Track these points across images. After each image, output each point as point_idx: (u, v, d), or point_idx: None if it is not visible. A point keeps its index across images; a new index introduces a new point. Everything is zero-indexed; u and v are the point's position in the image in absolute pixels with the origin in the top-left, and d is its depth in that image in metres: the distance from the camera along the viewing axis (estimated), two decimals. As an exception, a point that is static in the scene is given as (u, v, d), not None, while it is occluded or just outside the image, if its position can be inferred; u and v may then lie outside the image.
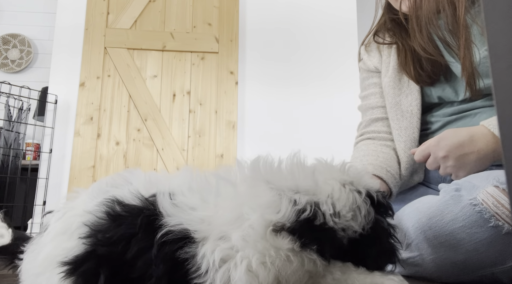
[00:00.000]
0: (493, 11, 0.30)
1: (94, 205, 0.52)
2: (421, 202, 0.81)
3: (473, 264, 0.69)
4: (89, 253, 0.49)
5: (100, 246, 0.48)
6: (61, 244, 0.52)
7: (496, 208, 0.66)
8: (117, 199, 0.52)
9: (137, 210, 0.50)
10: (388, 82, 1.02)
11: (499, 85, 0.30)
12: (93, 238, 0.49)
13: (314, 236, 0.47)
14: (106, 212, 0.50)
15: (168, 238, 0.46)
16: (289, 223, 0.46)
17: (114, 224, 0.49)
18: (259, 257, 0.46)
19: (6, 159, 2.45)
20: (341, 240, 0.49)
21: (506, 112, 0.29)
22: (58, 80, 2.57)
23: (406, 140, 0.98)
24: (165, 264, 0.46)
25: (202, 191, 0.51)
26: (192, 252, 0.46)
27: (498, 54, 0.30)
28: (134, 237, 0.48)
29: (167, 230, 0.46)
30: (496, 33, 0.30)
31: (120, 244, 0.48)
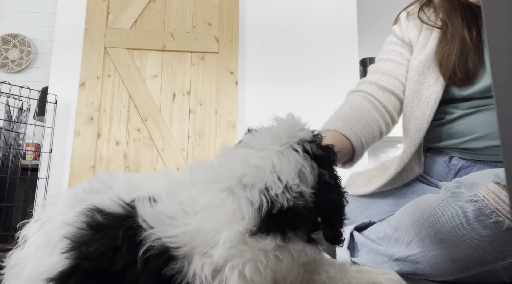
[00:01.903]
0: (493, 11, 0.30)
1: (73, 215, 0.50)
2: (421, 200, 0.81)
3: (474, 261, 0.69)
4: (74, 267, 0.47)
5: (85, 260, 0.47)
6: (44, 259, 0.49)
7: (497, 204, 0.67)
8: (97, 207, 0.49)
9: (119, 219, 0.48)
10: (417, 67, 0.98)
11: (499, 85, 0.30)
12: (76, 251, 0.47)
13: (283, 223, 0.47)
14: (86, 222, 0.48)
15: (151, 254, 0.45)
16: (256, 225, 0.46)
17: (97, 235, 0.47)
18: (252, 265, 0.45)
19: (6, 159, 2.45)
20: (304, 209, 0.48)
21: (506, 112, 0.30)
22: (58, 80, 2.57)
23: (412, 129, 0.97)
24: (152, 278, 0.45)
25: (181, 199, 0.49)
26: (178, 267, 0.45)
27: (498, 54, 0.30)
28: (118, 251, 0.46)
29: (149, 245, 0.45)
30: (496, 33, 0.30)
31: (106, 257, 0.46)
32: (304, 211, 0.48)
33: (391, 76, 1.03)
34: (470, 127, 0.91)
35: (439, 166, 0.99)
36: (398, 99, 1.03)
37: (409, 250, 0.76)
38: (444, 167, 0.98)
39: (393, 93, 1.02)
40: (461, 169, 0.93)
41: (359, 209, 1.05)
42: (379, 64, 1.07)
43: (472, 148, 0.91)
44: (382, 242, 0.85)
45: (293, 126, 0.54)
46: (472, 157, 0.92)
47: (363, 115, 0.96)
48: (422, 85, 0.97)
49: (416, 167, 1.00)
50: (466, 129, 0.92)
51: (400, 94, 1.02)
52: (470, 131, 0.91)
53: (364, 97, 1.01)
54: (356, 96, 1.02)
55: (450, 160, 0.97)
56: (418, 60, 0.98)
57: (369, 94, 1.01)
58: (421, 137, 0.96)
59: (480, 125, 0.89)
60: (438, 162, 0.99)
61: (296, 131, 0.54)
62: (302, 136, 0.53)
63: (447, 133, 0.96)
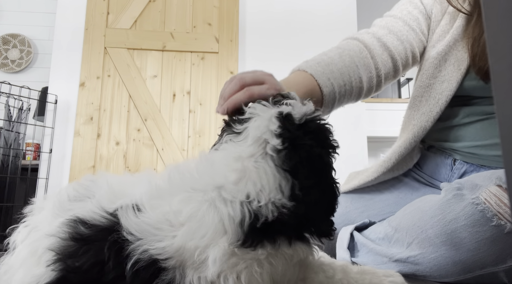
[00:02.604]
0: (493, 11, 0.30)
1: (57, 226, 0.48)
2: (422, 201, 0.81)
3: (475, 263, 0.69)
4: (60, 279, 0.46)
5: (73, 273, 0.45)
6: (30, 270, 0.48)
7: (499, 207, 0.66)
8: (80, 219, 0.48)
9: (104, 231, 0.46)
10: (433, 58, 0.91)
11: (499, 85, 0.30)
12: (62, 264, 0.46)
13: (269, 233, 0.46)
14: (70, 235, 0.47)
15: (139, 266, 0.44)
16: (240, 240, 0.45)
17: (82, 249, 0.46)
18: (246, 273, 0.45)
19: (6, 159, 2.45)
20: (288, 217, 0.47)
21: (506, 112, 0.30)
22: (58, 80, 2.57)
23: (416, 124, 0.93)
24: None
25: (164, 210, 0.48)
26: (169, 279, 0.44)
27: (498, 54, 0.30)
28: (106, 265, 0.45)
29: (137, 258, 0.44)
30: (496, 33, 0.30)
31: (94, 271, 0.45)
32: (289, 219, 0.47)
33: (398, 38, 0.93)
34: (480, 133, 0.88)
35: (442, 168, 0.97)
36: (395, 66, 0.93)
37: (409, 251, 0.76)
38: (447, 169, 0.96)
39: (392, 57, 0.92)
40: (465, 173, 0.91)
41: (359, 209, 1.05)
42: (389, 20, 0.96)
43: (480, 154, 0.89)
44: (382, 243, 0.84)
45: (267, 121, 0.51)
46: (477, 162, 0.90)
47: (349, 69, 0.86)
48: (436, 79, 0.91)
49: (414, 158, 0.99)
50: (477, 134, 0.89)
51: (399, 62, 0.93)
52: (481, 137, 0.88)
53: (360, 49, 0.90)
54: (351, 45, 0.92)
55: (453, 163, 0.95)
56: (436, 51, 0.90)
57: (367, 48, 0.91)
58: (423, 135, 0.94)
59: (492, 133, 0.86)
60: (441, 164, 0.98)
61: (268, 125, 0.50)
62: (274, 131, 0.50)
63: (455, 135, 0.93)
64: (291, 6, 2.82)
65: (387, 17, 0.97)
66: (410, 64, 0.96)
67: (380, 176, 1.00)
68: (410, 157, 0.99)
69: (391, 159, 0.98)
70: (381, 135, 3.00)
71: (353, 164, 2.52)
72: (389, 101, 3.16)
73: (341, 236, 0.93)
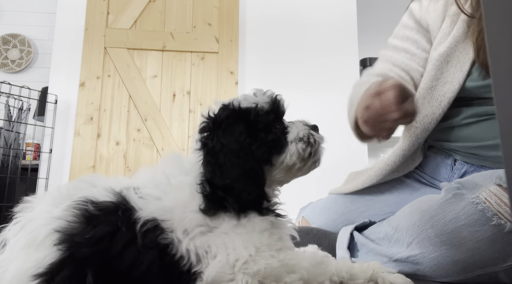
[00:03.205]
0: (493, 11, 0.30)
1: (62, 210, 0.52)
2: (422, 201, 0.80)
3: (475, 263, 0.69)
4: (66, 258, 0.49)
5: (82, 248, 0.49)
6: (29, 256, 0.50)
7: (499, 207, 0.66)
8: (89, 199, 0.53)
9: (112, 206, 0.53)
10: (435, 60, 0.91)
11: (499, 85, 0.30)
12: (69, 243, 0.49)
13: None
14: (79, 214, 0.51)
15: (147, 227, 0.51)
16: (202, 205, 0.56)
17: (91, 224, 0.50)
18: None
19: (6, 159, 2.45)
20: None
21: (506, 112, 0.30)
22: (58, 80, 2.57)
23: (419, 127, 0.93)
24: (152, 249, 0.50)
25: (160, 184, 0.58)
26: (169, 238, 0.52)
27: (498, 54, 0.30)
28: (117, 233, 0.50)
29: (144, 220, 0.51)
30: (496, 33, 0.30)
31: (105, 241, 0.50)
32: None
33: (402, 69, 0.97)
34: (481, 133, 0.88)
35: (442, 168, 0.97)
36: None
37: (409, 251, 0.76)
38: (448, 169, 0.96)
39: None
40: (465, 173, 0.91)
41: (359, 209, 1.05)
42: (392, 53, 1.00)
43: (480, 154, 0.88)
44: (382, 242, 0.84)
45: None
46: (478, 162, 0.90)
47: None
48: (438, 81, 0.91)
49: (417, 160, 0.99)
50: (478, 135, 0.89)
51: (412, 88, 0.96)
52: (482, 137, 0.88)
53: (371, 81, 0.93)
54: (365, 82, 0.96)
55: (454, 163, 0.95)
56: (438, 53, 0.91)
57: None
58: (426, 136, 0.94)
59: (493, 134, 0.86)
60: (441, 164, 0.97)
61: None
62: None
63: (456, 136, 0.93)
64: (291, 6, 2.82)
65: (390, 50, 1.02)
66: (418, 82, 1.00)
67: (383, 178, 1.00)
68: (413, 159, 0.99)
69: (395, 161, 0.98)
70: (381, 135, 2.99)
71: (353, 164, 2.52)
72: (389, 101, 3.15)
73: (341, 236, 0.93)
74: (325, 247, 0.96)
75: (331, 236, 0.97)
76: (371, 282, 0.59)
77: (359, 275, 0.59)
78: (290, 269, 0.54)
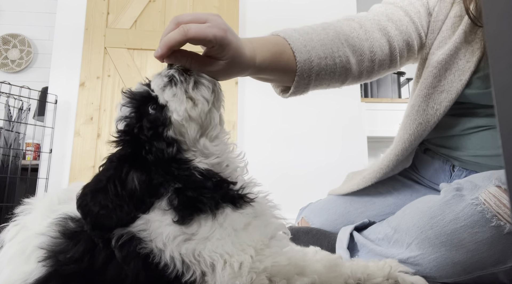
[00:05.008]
0: (493, 11, 0.30)
1: (46, 226, 0.52)
2: (421, 202, 0.80)
3: (474, 264, 0.69)
4: (52, 274, 0.49)
5: (65, 266, 0.49)
6: (18, 267, 0.51)
7: (498, 208, 0.66)
8: (69, 215, 0.52)
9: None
10: (433, 67, 0.86)
11: (499, 85, 0.30)
12: (53, 260, 0.49)
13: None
14: (60, 231, 0.51)
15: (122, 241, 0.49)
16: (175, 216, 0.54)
17: (72, 242, 0.50)
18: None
19: (6, 159, 2.45)
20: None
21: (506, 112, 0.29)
22: (58, 80, 2.57)
23: (413, 134, 0.92)
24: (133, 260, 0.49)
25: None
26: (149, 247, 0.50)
27: (498, 54, 0.30)
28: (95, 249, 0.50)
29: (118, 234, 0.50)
30: (496, 33, 0.30)
31: (85, 259, 0.49)
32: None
33: (397, 28, 0.84)
34: (482, 143, 0.87)
35: (441, 173, 0.97)
36: (392, 54, 0.84)
37: (409, 252, 0.76)
38: (446, 175, 0.96)
39: (391, 44, 0.83)
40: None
41: (359, 210, 1.05)
42: (389, 7, 0.87)
43: (481, 163, 0.88)
44: (381, 243, 0.84)
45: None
46: (475, 168, 0.89)
47: (333, 43, 0.75)
48: (435, 89, 0.88)
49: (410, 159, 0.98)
50: (478, 144, 0.88)
51: (397, 51, 0.84)
52: (482, 147, 0.87)
53: (351, 29, 0.79)
54: (342, 23, 0.81)
55: (452, 169, 0.95)
56: (436, 60, 0.86)
57: (363, 29, 0.80)
58: (418, 143, 0.94)
59: (494, 143, 0.85)
60: (439, 170, 0.97)
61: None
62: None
63: (456, 144, 0.92)
64: (291, 7, 2.82)
65: (387, 4, 0.89)
66: (405, 57, 0.89)
67: (377, 180, 1.00)
68: (407, 159, 0.99)
69: (388, 166, 0.98)
70: (381, 135, 3.00)
71: (353, 164, 2.52)
72: (389, 101, 3.16)
73: (341, 236, 0.93)
74: (325, 247, 0.96)
75: (330, 236, 0.97)
76: (390, 280, 0.57)
77: (376, 273, 0.57)
78: (300, 270, 0.52)
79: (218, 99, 0.59)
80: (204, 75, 0.58)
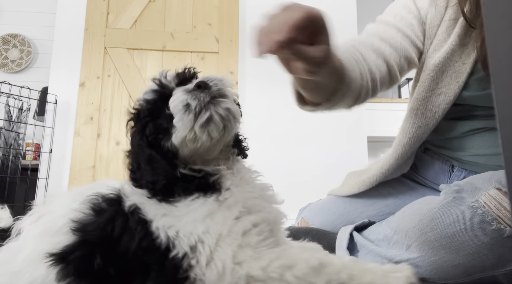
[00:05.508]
0: (493, 11, 0.30)
1: (78, 204, 0.58)
2: (421, 203, 0.80)
3: (474, 267, 0.69)
4: (79, 243, 0.54)
5: (92, 233, 0.55)
6: (44, 240, 0.55)
7: (498, 211, 0.66)
8: (100, 193, 0.59)
9: (114, 198, 0.59)
10: (430, 70, 0.87)
11: (499, 85, 0.30)
12: (83, 231, 0.55)
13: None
14: (91, 207, 0.57)
15: (132, 209, 0.56)
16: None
17: (99, 214, 0.57)
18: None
19: (6, 159, 2.45)
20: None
21: (506, 112, 0.29)
22: (58, 80, 2.57)
23: (412, 137, 0.92)
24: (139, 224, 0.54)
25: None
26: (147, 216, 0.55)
27: (498, 54, 0.30)
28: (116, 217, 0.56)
29: (129, 204, 0.57)
30: (496, 33, 0.30)
31: (108, 228, 0.55)
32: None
33: (391, 45, 0.85)
34: (481, 143, 0.88)
35: (441, 174, 0.97)
36: (390, 72, 0.85)
37: (408, 253, 0.76)
38: (445, 175, 0.96)
39: (388, 63, 0.84)
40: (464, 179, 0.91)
41: (359, 210, 1.05)
42: (381, 27, 0.88)
43: (480, 163, 0.88)
44: (381, 244, 0.84)
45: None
46: (475, 169, 0.90)
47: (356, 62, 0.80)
48: (432, 92, 0.88)
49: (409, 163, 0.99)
50: (476, 144, 0.88)
51: (395, 68, 0.85)
52: (480, 147, 0.87)
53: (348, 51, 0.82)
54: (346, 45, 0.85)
55: (451, 169, 0.95)
56: (433, 63, 0.87)
57: (358, 50, 0.83)
58: (418, 146, 0.94)
59: (493, 143, 0.85)
60: (439, 170, 0.98)
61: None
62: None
63: (456, 145, 0.93)
64: (291, 6, 2.82)
65: (379, 24, 0.91)
66: (406, 70, 0.91)
67: (377, 184, 1.01)
68: (407, 164, 1.00)
69: (388, 169, 0.98)
70: (381, 135, 3.00)
71: (353, 164, 2.52)
72: (389, 101, 3.16)
73: (341, 236, 0.93)
74: (325, 247, 0.95)
75: (330, 236, 0.97)
76: None
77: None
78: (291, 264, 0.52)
79: (228, 134, 0.63)
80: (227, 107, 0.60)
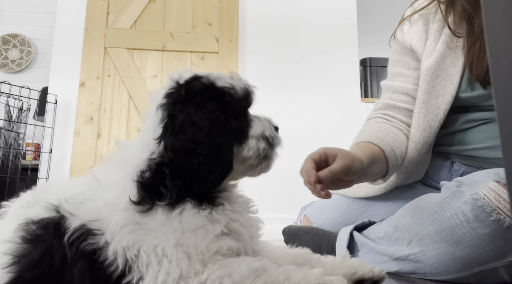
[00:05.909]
0: (493, 11, 0.30)
1: (12, 232, 0.52)
2: (422, 199, 0.81)
3: (475, 259, 0.69)
4: (15, 280, 0.49)
5: (27, 271, 0.49)
6: None
7: (498, 202, 0.67)
8: (32, 219, 0.52)
9: (47, 221, 0.51)
10: (424, 74, 0.94)
11: (499, 85, 0.30)
12: (17, 265, 0.50)
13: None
14: (23, 236, 0.51)
15: (75, 236, 0.48)
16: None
17: (33, 245, 0.50)
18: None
19: (6, 159, 2.45)
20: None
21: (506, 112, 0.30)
22: (58, 80, 2.57)
23: (419, 142, 0.95)
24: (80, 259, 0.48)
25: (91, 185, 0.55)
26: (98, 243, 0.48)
27: (498, 54, 0.30)
28: (53, 249, 0.49)
29: (72, 229, 0.49)
30: (496, 33, 0.30)
31: (44, 261, 0.49)
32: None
33: (401, 92, 1.00)
34: (479, 136, 0.90)
35: (442, 170, 0.98)
36: (406, 135, 1.00)
37: (409, 249, 0.76)
38: (446, 171, 0.98)
39: (407, 109, 1.00)
40: (463, 175, 0.92)
41: (360, 209, 1.05)
42: (390, 81, 1.05)
43: (478, 156, 0.90)
44: (382, 242, 0.85)
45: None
46: (475, 164, 0.91)
47: (385, 130, 0.95)
48: (431, 94, 0.93)
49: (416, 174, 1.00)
50: (475, 138, 0.91)
51: (408, 129, 1.00)
52: (478, 140, 0.90)
53: (379, 120, 1.00)
54: (373, 121, 1.02)
55: (451, 165, 0.96)
56: (426, 67, 0.94)
57: (385, 115, 1.01)
58: (427, 149, 0.96)
59: (490, 135, 0.88)
60: (440, 166, 0.99)
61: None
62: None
63: (454, 140, 0.95)
64: (291, 6, 2.82)
65: (389, 77, 1.05)
66: None
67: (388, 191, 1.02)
68: (418, 171, 1.00)
69: (399, 177, 1.00)
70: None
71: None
72: (389, 101, 3.16)
73: (341, 236, 0.93)
74: (325, 247, 0.96)
75: (330, 236, 0.97)
76: None
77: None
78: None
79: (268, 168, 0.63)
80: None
